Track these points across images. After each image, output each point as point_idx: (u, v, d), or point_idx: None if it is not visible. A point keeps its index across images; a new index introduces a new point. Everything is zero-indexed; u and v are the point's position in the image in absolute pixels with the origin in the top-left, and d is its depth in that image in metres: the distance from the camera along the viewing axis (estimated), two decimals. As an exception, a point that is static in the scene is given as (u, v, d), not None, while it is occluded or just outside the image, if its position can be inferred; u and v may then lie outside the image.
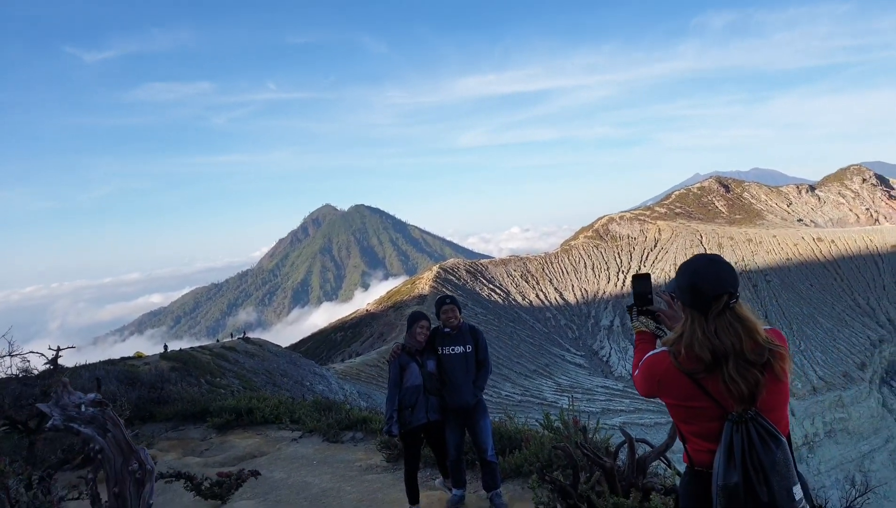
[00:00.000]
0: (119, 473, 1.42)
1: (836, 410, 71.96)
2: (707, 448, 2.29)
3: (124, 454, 1.41)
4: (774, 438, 2.14)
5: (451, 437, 5.76)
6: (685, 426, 2.36)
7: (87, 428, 1.37)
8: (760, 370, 2.20)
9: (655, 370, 2.37)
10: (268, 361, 40.73)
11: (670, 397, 2.34)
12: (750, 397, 2.19)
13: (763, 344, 2.22)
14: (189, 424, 13.14)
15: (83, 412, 1.45)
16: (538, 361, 75.14)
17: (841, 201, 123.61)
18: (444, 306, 5.79)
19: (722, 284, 2.25)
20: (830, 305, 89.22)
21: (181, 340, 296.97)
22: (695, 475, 2.36)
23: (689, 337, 2.26)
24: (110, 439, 1.41)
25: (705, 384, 2.24)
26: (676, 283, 2.38)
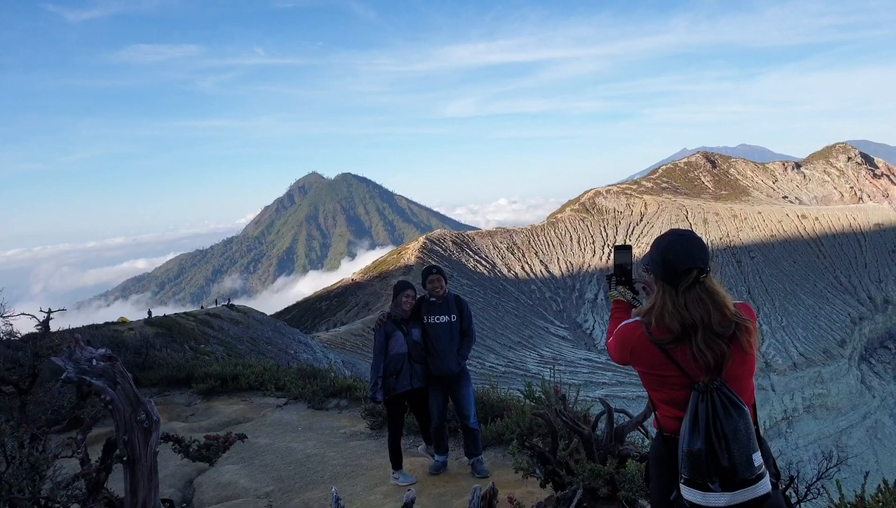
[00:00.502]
0: (128, 423, 1.52)
1: (816, 386, 73.53)
2: (674, 415, 2.38)
3: (133, 405, 1.50)
4: (737, 407, 2.24)
5: (435, 404, 5.89)
6: (654, 393, 2.47)
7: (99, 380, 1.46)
8: (727, 342, 2.28)
9: (628, 338, 2.46)
10: (252, 328, 40.75)
11: (641, 365, 2.44)
12: (716, 367, 2.27)
13: (731, 317, 2.30)
14: (174, 389, 13.20)
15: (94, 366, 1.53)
16: (522, 333, 75.89)
17: (826, 178, 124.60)
18: (431, 275, 5.91)
19: (692, 259, 2.33)
20: (813, 282, 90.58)
21: (165, 306, 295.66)
22: (664, 440, 2.48)
23: (660, 309, 2.34)
24: (120, 391, 1.50)
25: (674, 354, 2.32)
26: (650, 256, 2.45)
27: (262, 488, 6.42)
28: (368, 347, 59.45)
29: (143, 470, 1.60)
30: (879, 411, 75.42)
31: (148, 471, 1.60)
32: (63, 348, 3.11)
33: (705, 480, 2.20)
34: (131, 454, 1.60)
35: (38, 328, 5.12)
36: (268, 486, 6.49)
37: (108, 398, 1.62)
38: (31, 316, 4.91)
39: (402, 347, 5.77)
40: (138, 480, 1.59)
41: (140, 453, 1.62)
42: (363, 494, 5.69)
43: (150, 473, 1.59)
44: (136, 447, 1.62)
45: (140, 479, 1.59)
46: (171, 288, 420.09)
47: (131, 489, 1.58)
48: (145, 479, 1.59)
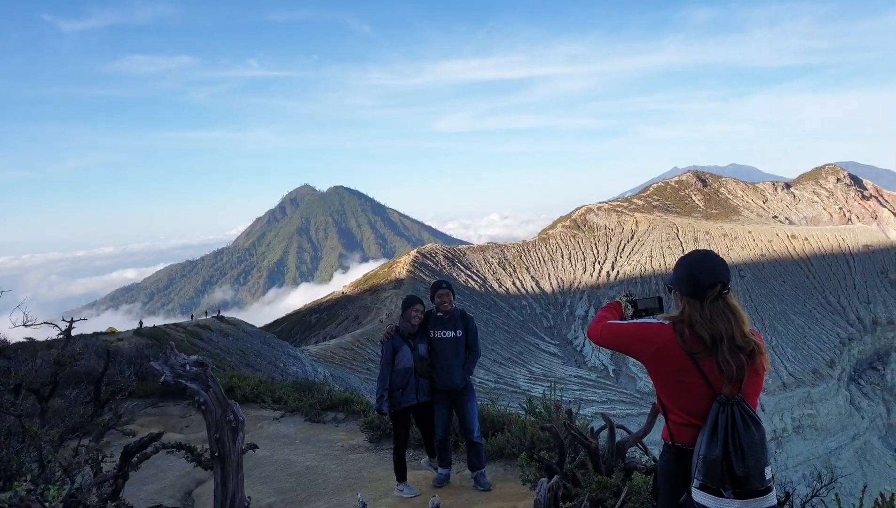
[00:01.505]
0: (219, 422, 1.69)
1: (805, 406, 73.71)
2: (689, 422, 2.53)
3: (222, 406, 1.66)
4: (755, 421, 2.42)
5: (440, 418, 5.97)
6: (671, 399, 2.60)
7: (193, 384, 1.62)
8: (747, 356, 2.48)
9: (655, 337, 2.60)
10: (242, 341, 40.58)
11: (663, 367, 2.58)
12: (737, 379, 2.46)
13: (749, 335, 2.51)
14: (169, 401, 13.17)
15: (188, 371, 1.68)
16: (512, 348, 75.87)
17: (815, 199, 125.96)
18: (440, 290, 6.01)
19: (717, 274, 2.53)
20: (802, 302, 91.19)
21: (155, 316, 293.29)
22: (674, 451, 2.61)
23: (690, 319, 2.52)
24: (212, 393, 1.66)
25: (701, 363, 2.49)
26: (675, 274, 2.64)
27: (264, 499, 6.45)
28: (358, 361, 59.33)
29: (232, 465, 1.78)
30: (868, 432, 75.66)
31: (236, 466, 1.77)
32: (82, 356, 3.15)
33: (719, 486, 2.36)
34: (222, 450, 1.77)
35: (59, 336, 5.17)
36: (269, 497, 6.52)
37: (202, 400, 1.79)
38: (54, 324, 4.98)
39: (409, 361, 5.87)
40: (228, 473, 1.76)
41: (229, 449, 1.79)
42: (368, 505, 5.74)
43: (238, 467, 1.76)
44: (225, 444, 1.78)
45: (230, 472, 1.76)
46: (160, 299, 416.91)
47: (222, 481, 1.75)
48: (234, 472, 1.76)
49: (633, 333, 2.71)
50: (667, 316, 2.66)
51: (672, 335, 2.56)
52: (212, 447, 1.79)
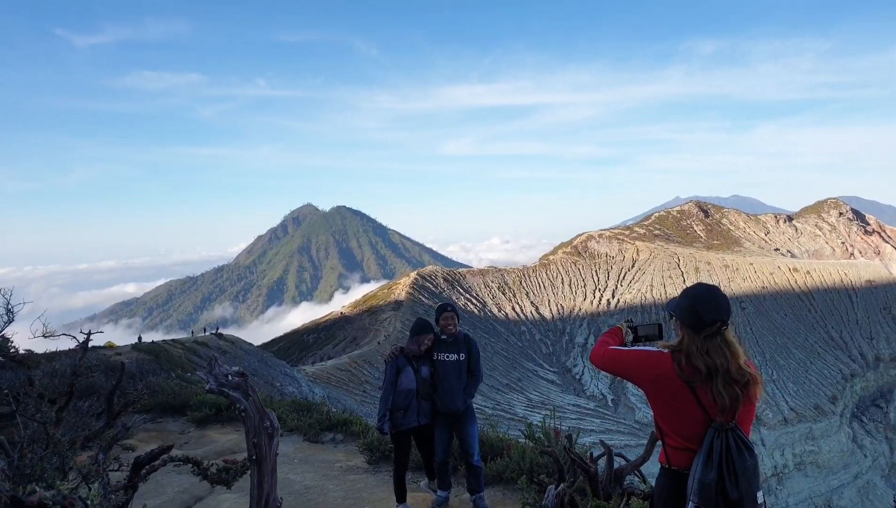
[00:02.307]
0: (257, 428, 1.85)
1: (807, 442, 72.82)
2: (685, 447, 2.68)
3: (260, 413, 1.82)
4: (748, 448, 2.57)
5: (440, 440, 6.04)
6: (668, 424, 2.75)
7: (235, 392, 1.77)
8: (741, 388, 2.63)
9: (654, 365, 2.76)
10: (239, 359, 40.45)
11: (661, 394, 2.73)
12: (731, 409, 2.61)
13: (744, 368, 2.66)
14: (167, 416, 13.20)
15: (230, 380, 1.82)
16: (510, 375, 75.50)
17: (818, 232, 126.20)
18: (445, 313, 6.11)
19: (719, 312, 2.69)
20: (804, 336, 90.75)
21: (154, 332, 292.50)
22: (671, 474, 2.75)
23: (688, 350, 2.68)
24: (251, 401, 1.82)
25: (698, 391, 2.64)
26: (678, 304, 2.79)
27: (264, 517, 6.50)
28: (354, 383, 59.05)
29: (268, 467, 1.94)
30: (871, 471, 74.66)
31: (271, 469, 1.94)
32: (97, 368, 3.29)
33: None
34: (259, 453, 1.94)
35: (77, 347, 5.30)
36: (269, 516, 6.56)
37: (242, 408, 1.95)
38: (73, 337, 5.10)
39: (412, 383, 5.94)
40: (264, 475, 1.93)
41: (265, 453, 1.96)
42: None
43: (273, 470, 1.93)
44: (262, 448, 1.95)
45: (265, 474, 1.93)
46: (159, 314, 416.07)
47: (258, 482, 1.91)
48: (269, 475, 1.93)
49: (634, 359, 2.85)
50: (665, 344, 2.80)
51: (670, 363, 2.70)
52: (250, 450, 1.96)
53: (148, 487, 7.88)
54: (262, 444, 1.99)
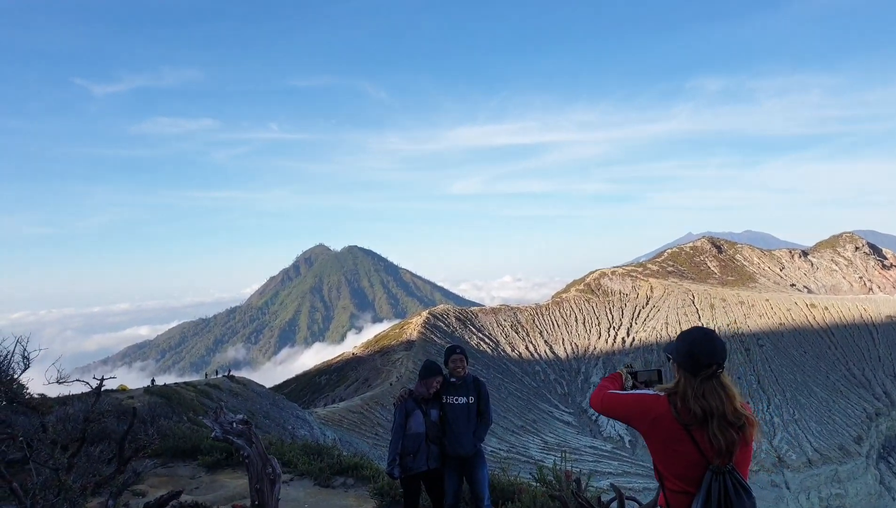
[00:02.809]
0: (259, 474, 1.91)
1: (833, 485, 70.60)
2: (682, 489, 2.71)
3: (263, 460, 1.87)
4: (746, 490, 2.60)
5: (450, 484, 5.98)
6: (666, 467, 2.78)
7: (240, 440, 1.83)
8: (737, 431, 2.67)
9: (651, 408, 2.81)
10: (251, 401, 40.29)
11: (659, 437, 2.78)
12: (728, 452, 2.64)
13: (740, 411, 2.70)
14: (178, 461, 13.13)
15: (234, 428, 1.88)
16: (525, 416, 74.40)
17: (834, 267, 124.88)
18: (454, 355, 6.11)
19: (715, 356, 2.74)
20: (825, 373, 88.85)
21: (167, 374, 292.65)
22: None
23: (683, 393, 2.73)
24: (254, 448, 1.87)
25: (694, 434, 2.68)
26: (675, 347, 2.86)
27: (273, 564, 6.43)
28: (367, 425, 58.40)
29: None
30: (899, 514, 72.08)
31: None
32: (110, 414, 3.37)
33: None
34: (261, 498, 2.00)
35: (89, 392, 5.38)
36: (278, 563, 6.50)
37: (246, 454, 2.00)
38: (86, 383, 5.19)
39: (421, 427, 5.93)
40: None
41: (267, 499, 2.01)
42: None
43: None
44: (264, 493, 2.01)
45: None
46: (171, 356, 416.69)
47: None
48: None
49: (631, 402, 2.91)
50: (662, 387, 2.85)
51: (666, 406, 2.76)
52: (252, 496, 2.00)
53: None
54: (265, 490, 2.05)
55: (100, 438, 6.82)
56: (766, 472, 69.82)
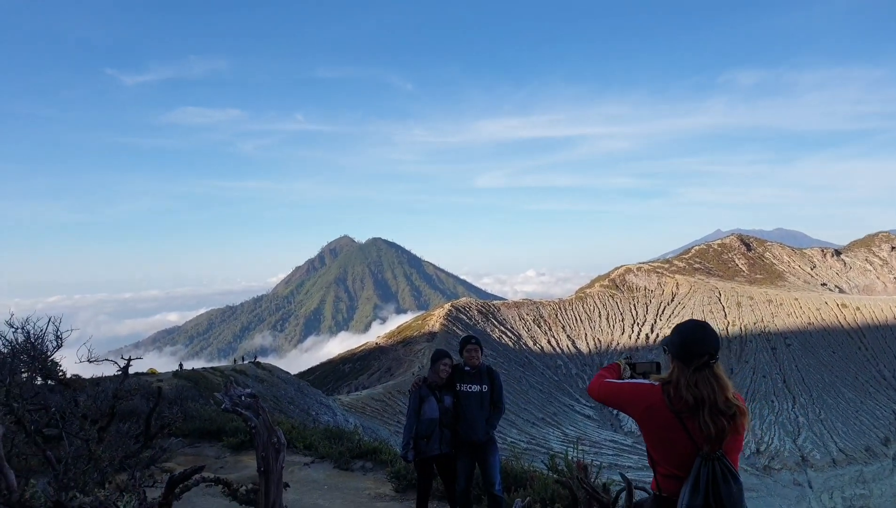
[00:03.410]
0: (266, 443, 2.10)
1: (857, 486, 69.38)
2: (673, 475, 2.83)
3: (269, 431, 2.05)
4: (734, 476, 2.70)
5: (462, 468, 6.15)
6: (658, 453, 2.91)
7: (248, 411, 2.02)
8: (728, 420, 2.76)
9: (645, 397, 2.92)
10: (276, 387, 40.98)
11: (652, 425, 2.89)
12: (717, 439, 2.74)
13: (731, 400, 2.79)
14: (204, 442, 13.52)
15: (243, 401, 2.06)
16: (546, 409, 74.41)
17: (868, 267, 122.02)
18: (469, 345, 6.29)
19: (706, 346, 2.84)
20: (854, 374, 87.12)
21: (196, 359, 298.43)
22: (661, 501, 2.91)
23: (676, 382, 2.83)
24: (261, 419, 2.06)
25: (686, 422, 2.78)
26: (670, 338, 2.97)
27: (291, 542, 6.66)
28: (389, 413, 59.04)
29: (274, 478, 2.17)
30: (925, 517, 70.65)
31: (277, 480, 2.16)
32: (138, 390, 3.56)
33: None
34: (266, 466, 2.18)
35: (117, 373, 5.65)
36: (296, 540, 6.72)
37: (253, 425, 2.17)
38: (114, 362, 5.45)
39: (435, 412, 6.11)
40: (270, 485, 2.16)
41: (272, 466, 2.19)
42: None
43: (279, 481, 2.16)
44: (269, 461, 2.18)
45: (272, 485, 2.16)
46: (199, 342, 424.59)
47: (265, 491, 2.14)
48: (275, 485, 2.16)
49: (627, 391, 3.02)
50: (657, 377, 2.94)
51: (660, 395, 2.86)
52: (259, 463, 2.19)
53: (196, 503, 8.14)
54: (270, 458, 2.23)
55: (128, 415, 7.11)
56: (789, 471, 68.94)
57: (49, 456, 3.44)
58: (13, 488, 2.66)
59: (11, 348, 4.89)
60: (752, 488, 62.36)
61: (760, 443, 73.50)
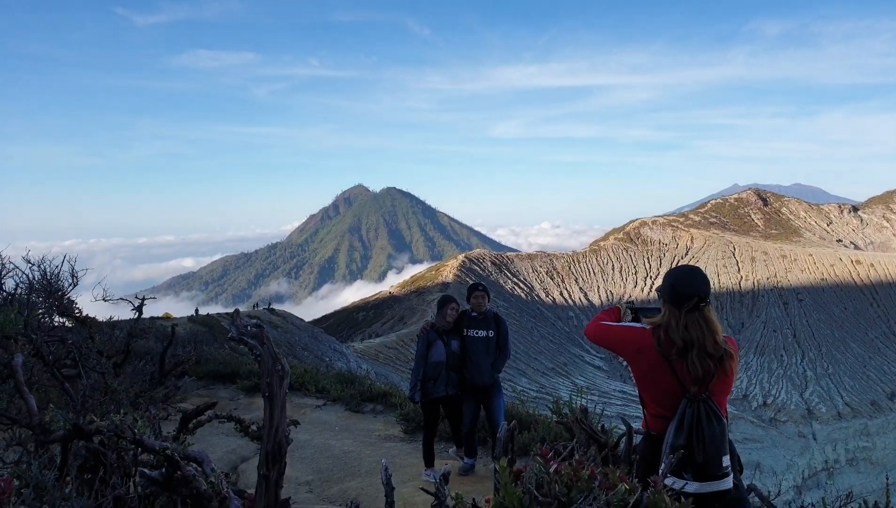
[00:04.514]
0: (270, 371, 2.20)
1: (861, 438, 70.37)
2: (661, 415, 2.91)
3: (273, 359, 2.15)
4: (717, 417, 2.77)
5: (468, 411, 6.33)
6: (648, 394, 2.99)
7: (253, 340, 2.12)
8: (716, 362, 2.81)
9: (636, 339, 3.00)
10: (290, 333, 41.72)
11: (642, 366, 2.97)
12: (704, 381, 2.80)
13: (720, 343, 2.84)
14: (219, 384, 13.90)
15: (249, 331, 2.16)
16: (557, 359, 75.35)
17: (885, 224, 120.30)
18: (476, 291, 6.40)
19: (696, 289, 2.88)
20: (864, 330, 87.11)
21: (209, 305, 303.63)
22: (651, 439, 3.00)
23: (667, 325, 2.88)
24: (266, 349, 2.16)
25: (674, 364, 2.84)
26: (662, 283, 3.02)
27: (303, 477, 6.94)
28: (401, 360, 60.13)
29: (278, 404, 2.27)
30: (928, 470, 71.74)
31: (281, 405, 2.27)
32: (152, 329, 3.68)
33: (681, 470, 2.74)
34: (271, 391, 2.28)
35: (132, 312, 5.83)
36: (308, 476, 7.00)
37: (258, 353, 2.26)
38: (129, 301, 5.62)
39: (441, 356, 6.25)
40: (275, 409, 2.26)
41: (276, 392, 2.29)
42: (397, 487, 6.08)
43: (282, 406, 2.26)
44: (273, 387, 2.28)
45: (276, 409, 2.27)
46: (214, 288, 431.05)
47: (269, 415, 2.25)
48: (279, 410, 2.27)
49: (619, 333, 3.11)
50: (649, 321, 3.00)
51: (650, 338, 2.92)
52: (263, 389, 2.29)
53: (199, 447, 8.46)
54: (274, 384, 2.32)
55: (143, 355, 7.33)
56: (794, 423, 69.88)
57: (67, 388, 3.60)
58: (34, 412, 2.79)
59: (29, 283, 5.04)
60: (758, 439, 63.44)
61: (768, 396, 74.26)
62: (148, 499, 2.61)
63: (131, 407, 3.65)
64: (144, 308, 6.44)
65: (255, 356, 2.30)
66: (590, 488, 1.75)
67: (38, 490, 2.43)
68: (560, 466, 1.80)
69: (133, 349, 5.33)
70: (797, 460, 64.38)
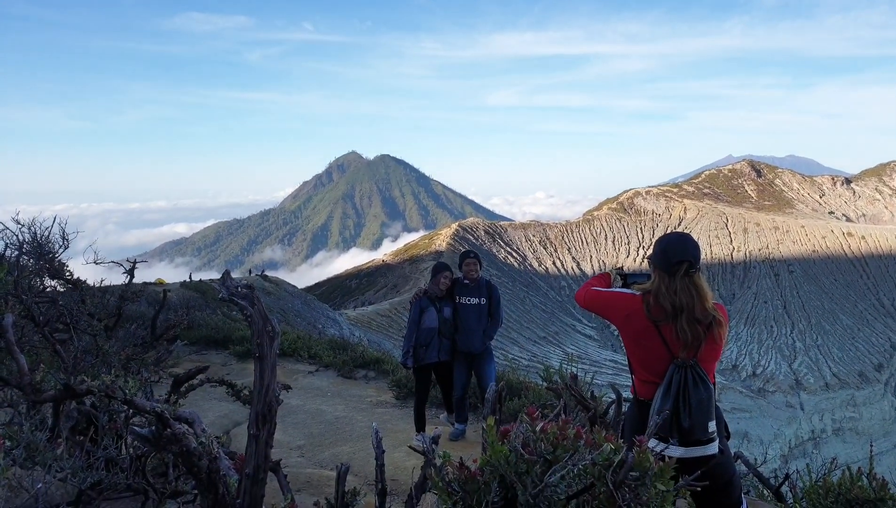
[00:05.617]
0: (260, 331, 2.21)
1: (847, 409, 71.66)
2: (650, 380, 2.93)
3: (263, 319, 2.16)
4: (704, 383, 2.78)
5: (459, 377, 6.39)
6: (636, 359, 3.01)
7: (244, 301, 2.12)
8: (705, 328, 2.82)
9: (626, 304, 3.01)
10: (283, 300, 41.73)
11: (631, 331, 2.99)
12: (692, 346, 2.81)
13: (709, 310, 2.84)
14: (211, 349, 13.96)
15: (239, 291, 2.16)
16: (548, 328, 75.95)
17: (877, 197, 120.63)
18: (468, 259, 6.41)
19: (685, 254, 2.87)
20: (853, 302, 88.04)
21: (202, 271, 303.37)
22: (638, 404, 3.02)
23: (657, 291, 2.88)
24: (257, 309, 2.16)
25: (662, 330, 2.85)
26: (653, 250, 3.02)
27: (295, 441, 7.02)
28: (394, 328, 60.48)
29: (268, 364, 2.28)
30: (912, 440, 73.28)
31: (271, 366, 2.28)
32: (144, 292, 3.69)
33: (667, 435, 2.76)
34: (261, 352, 2.29)
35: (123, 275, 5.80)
36: (300, 441, 7.09)
37: (249, 314, 2.26)
38: (120, 264, 5.59)
39: (434, 322, 6.29)
40: (265, 369, 2.27)
41: (266, 352, 2.29)
42: (388, 452, 6.16)
43: (273, 367, 2.28)
44: (264, 347, 2.29)
45: (266, 369, 2.27)
46: (207, 254, 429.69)
47: (259, 375, 2.26)
48: (269, 370, 2.28)
49: (609, 299, 3.11)
50: (639, 287, 3.00)
51: (640, 303, 2.92)
52: (253, 349, 2.30)
53: (201, 405, 8.52)
54: (264, 344, 2.32)
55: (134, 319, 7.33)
56: (782, 394, 71.02)
57: (58, 350, 3.61)
58: (24, 372, 2.79)
59: (19, 244, 5.01)
60: (746, 409, 64.50)
61: (757, 366, 75.32)
62: (139, 460, 2.64)
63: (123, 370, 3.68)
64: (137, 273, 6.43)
65: (246, 317, 2.30)
66: (575, 447, 1.77)
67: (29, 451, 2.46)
68: (546, 425, 1.82)
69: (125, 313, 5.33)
70: (784, 429, 65.61)
